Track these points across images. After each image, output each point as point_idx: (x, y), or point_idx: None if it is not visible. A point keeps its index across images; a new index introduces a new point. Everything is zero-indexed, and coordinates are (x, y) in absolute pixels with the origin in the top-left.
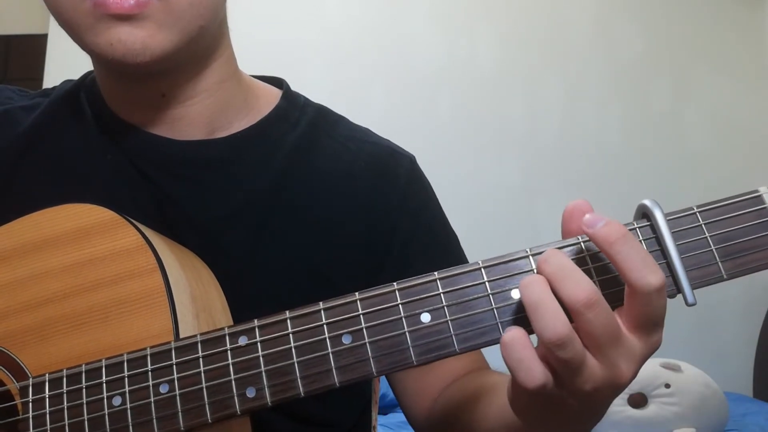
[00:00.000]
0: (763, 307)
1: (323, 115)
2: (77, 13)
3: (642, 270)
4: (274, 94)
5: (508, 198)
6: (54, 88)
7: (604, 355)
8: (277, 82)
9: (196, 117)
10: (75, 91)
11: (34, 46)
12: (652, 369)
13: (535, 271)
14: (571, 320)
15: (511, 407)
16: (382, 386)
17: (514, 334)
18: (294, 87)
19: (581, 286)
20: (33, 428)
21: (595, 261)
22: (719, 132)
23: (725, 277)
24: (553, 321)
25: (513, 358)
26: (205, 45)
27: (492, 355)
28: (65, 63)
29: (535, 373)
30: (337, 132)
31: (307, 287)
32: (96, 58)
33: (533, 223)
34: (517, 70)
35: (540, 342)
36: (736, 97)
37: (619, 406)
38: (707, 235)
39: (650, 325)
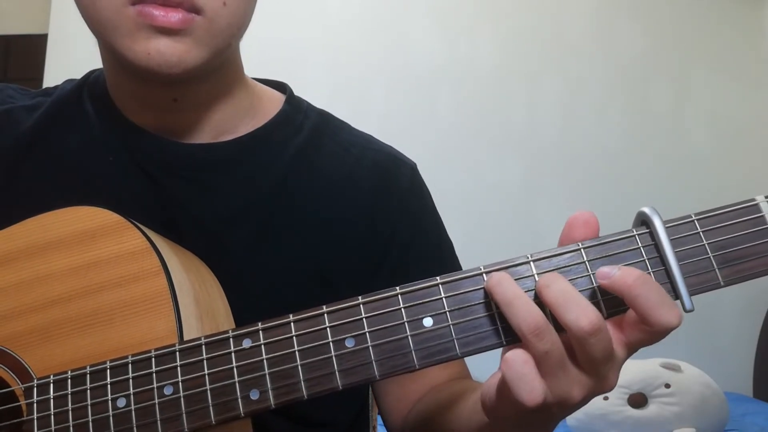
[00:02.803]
0: (763, 307)
1: (326, 120)
2: (118, 17)
3: (661, 309)
4: (278, 99)
5: (508, 198)
6: (56, 87)
7: (597, 371)
8: (280, 86)
9: (205, 121)
10: (78, 90)
11: (34, 46)
12: (652, 369)
13: (536, 277)
14: (559, 330)
15: (487, 415)
16: None
17: (516, 352)
18: (294, 86)
19: (586, 314)
20: (37, 429)
21: (594, 269)
22: (719, 132)
23: (722, 283)
24: (528, 311)
25: (514, 373)
26: (225, 56)
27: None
28: (65, 63)
29: (537, 390)
30: (340, 137)
31: (308, 289)
32: (123, 62)
33: (533, 223)
34: (518, 70)
35: (520, 337)
36: (736, 97)
37: (619, 406)
38: (705, 242)
39: (639, 343)
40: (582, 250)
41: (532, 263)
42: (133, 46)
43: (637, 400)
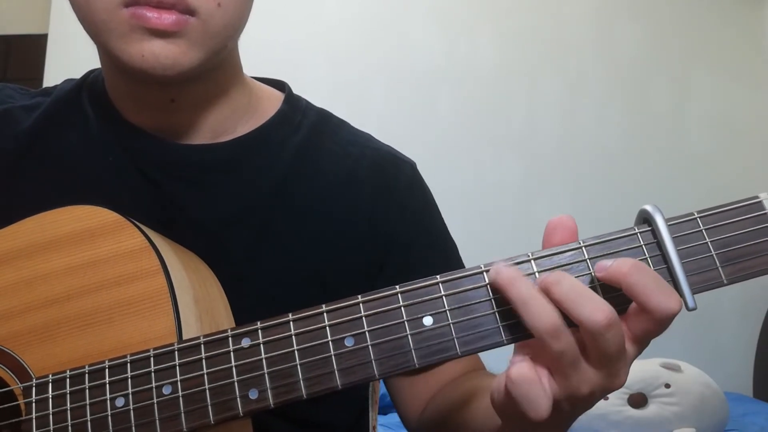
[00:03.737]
0: (763, 307)
1: (325, 119)
2: (112, 19)
3: (660, 296)
4: (277, 98)
5: (508, 198)
6: (55, 87)
7: (609, 367)
8: (278, 84)
9: (203, 122)
10: (77, 91)
11: (34, 46)
12: (652, 369)
13: (537, 275)
14: (571, 325)
15: (497, 412)
16: (382, 387)
17: (521, 370)
18: (294, 86)
19: (601, 308)
20: (36, 429)
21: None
22: (719, 132)
23: (725, 282)
24: (545, 312)
25: (520, 393)
26: (221, 56)
27: (492, 356)
28: (65, 63)
29: (544, 407)
30: (339, 136)
31: (308, 289)
32: (118, 64)
33: (533, 223)
34: (517, 69)
35: (536, 337)
36: (736, 97)
37: (619, 406)
38: (708, 240)
39: (652, 338)
40: (583, 248)
41: (533, 261)
42: (126, 48)
43: (637, 400)
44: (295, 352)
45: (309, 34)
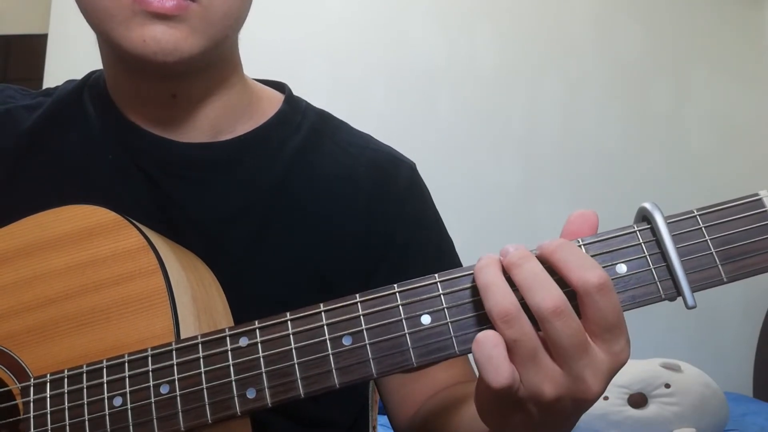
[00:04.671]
0: (763, 307)
1: (325, 119)
2: (114, 5)
3: (580, 270)
4: (277, 98)
5: (508, 198)
6: (56, 87)
7: (570, 365)
8: (279, 86)
9: (203, 120)
10: (78, 90)
11: (34, 46)
12: (652, 369)
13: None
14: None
15: (479, 413)
16: None
17: (488, 333)
18: (294, 87)
19: (550, 294)
20: (34, 428)
21: None
22: (719, 132)
23: (725, 280)
24: (501, 298)
25: (483, 354)
26: (221, 50)
27: None
28: (65, 63)
29: (503, 371)
30: (339, 137)
31: (307, 289)
32: (120, 52)
33: (533, 223)
34: (517, 69)
35: (491, 322)
36: (736, 97)
37: (619, 406)
38: (707, 238)
39: (605, 331)
40: (582, 246)
41: None
42: (128, 34)
43: (637, 400)
44: (293, 351)
45: (309, 33)
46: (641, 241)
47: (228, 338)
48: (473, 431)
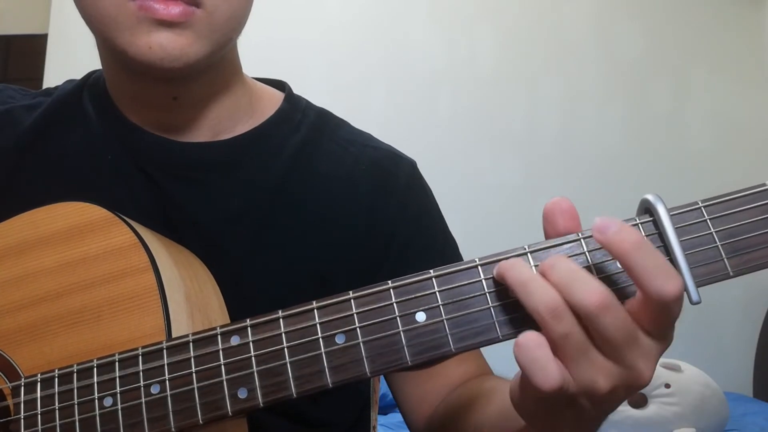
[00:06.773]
0: (763, 307)
1: (325, 118)
2: (119, 13)
3: (658, 279)
4: (277, 97)
5: (508, 198)
6: (56, 87)
7: (622, 357)
8: (279, 84)
9: (203, 120)
10: (78, 91)
11: (34, 46)
12: None
13: (534, 270)
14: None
15: (517, 411)
16: (383, 386)
17: (528, 335)
18: (294, 87)
19: (593, 290)
20: (24, 429)
21: (596, 260)
22: (719, 132)
23: (731, 274)
24: (545, 292)
25: (527, 357)
26: (224, 52)
27: (494, 357)
28: (65, 63)
29: (551, 372)
30: (339, 135)
31: (307, 288)
32: (125, 58)
33: (533, 223)
34: (517, 70)
35: (537, 320)
36: (736, 97)
37: (618, 406)
38: (712, 230)
39: (667, 327)
40: (582, 240)
41: (529, 255)
42: (134, 41)
43: (637, 400)
44: (285, 350)
45: (309, 34)
46: (643, 234)
47: (219, 337)
48: (501, 427)
